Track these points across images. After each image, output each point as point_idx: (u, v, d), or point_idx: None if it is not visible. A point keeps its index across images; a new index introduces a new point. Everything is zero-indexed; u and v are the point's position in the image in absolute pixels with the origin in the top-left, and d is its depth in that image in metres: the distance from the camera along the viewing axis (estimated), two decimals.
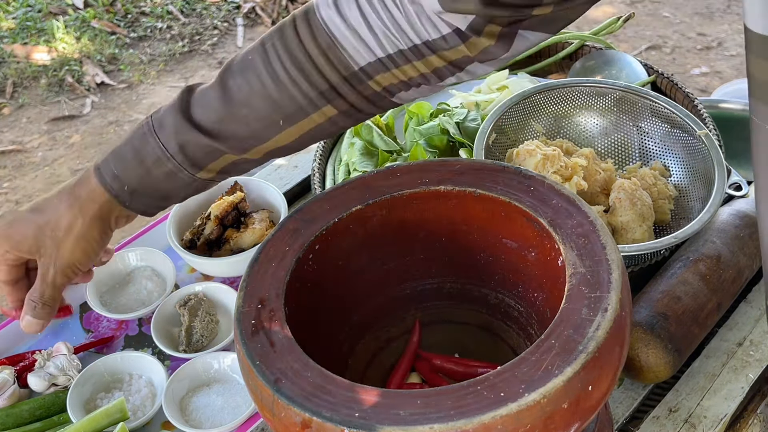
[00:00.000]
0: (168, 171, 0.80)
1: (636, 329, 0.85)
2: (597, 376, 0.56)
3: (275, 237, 0.71)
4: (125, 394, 0.93)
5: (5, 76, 3.23)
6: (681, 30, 3.20)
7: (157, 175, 0.81)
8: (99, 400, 0.93)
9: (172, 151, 0.79)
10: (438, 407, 0.54)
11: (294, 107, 0.76)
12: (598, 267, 0.62)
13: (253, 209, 1.12)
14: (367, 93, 0.76)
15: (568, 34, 1.35)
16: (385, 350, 0.82)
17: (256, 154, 0.80)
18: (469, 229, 0.75)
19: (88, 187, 0.84)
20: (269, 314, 0.64)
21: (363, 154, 1.10)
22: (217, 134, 0.78)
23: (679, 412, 0.86)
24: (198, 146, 0.79)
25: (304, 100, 0.75)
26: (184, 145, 0.78)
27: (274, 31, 0.77)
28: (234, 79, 0.77)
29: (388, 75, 0.74)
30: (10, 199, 2.67)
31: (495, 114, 1.03)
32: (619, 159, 1.08)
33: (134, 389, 0.94)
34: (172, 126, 0.78)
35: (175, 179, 0.81)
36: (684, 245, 0.95)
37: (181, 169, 0.80)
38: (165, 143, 0.79)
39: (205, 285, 1.04)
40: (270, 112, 0.77)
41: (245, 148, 0.79)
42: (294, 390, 0.57)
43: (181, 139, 0.78)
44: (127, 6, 3.65)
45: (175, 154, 0.79)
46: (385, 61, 0.73)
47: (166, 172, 0.80)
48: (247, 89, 0.76)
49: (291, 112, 0.76)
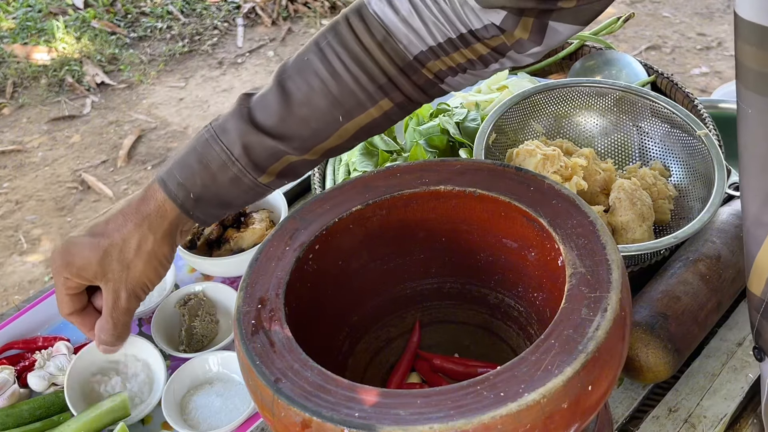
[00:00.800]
0: (232, 176, 0.80)
1: (636, 329, 0.85)
2: (597, 376, 0.56)
3: (275, 237, 0.71)
4: (122, 377, 0.93)
5: (5, 76, 3.24)
6: (681, 30, 3.20)
7: (222, 180, 0.80)
8: (96, 383, 0.93)
9: (237, 155, 0.79)
10: (438, 407, 0.54)
11: (353, 102, 0.78)
12: (598, 267, 0.62)
13: (253, 209, 1.12)
14: (421, 82, 0.79)
15: None
16: (385, 350, 0.82)
17: (315, 154, 0.81)
18: (469, 229, 0.75)
19: (155, 202, 0.81)
20: (269, 314, 0.64)
21: (363, 154, 1.10)
22: (280, 135, 0.79)
23: (678, 412, 0.86)
24: (261, 148, 0.79)
25: (363, 94, 0.78)
26: (248, 148, 0.79)
27: (326, 31, 0.79)
28: (292, 81, 0.78)
29: (438, 62, 0.78)
30: (10, 199, 2.67)
31: (495, 114, 1.03)
32: (619, 159, 1.08)
33: (131, 372, 0.94)
34: (236, 130, 0.79)
35: (238, 184, 0.81)
36: (684, 245, 0.95)
37: (245, 173, 0.80)
38: (230, 147, 0.79)
39: (205, 285, 1.04)
40: (330, 110, 0.78)
41: (306, 148, 0.80)
42: (294, 390, 0.57)
43: (245, 142, 0.78)
44: (127, 6, 3.66)
45: (239, 157, 0.79)
46: (435, 50, 0.77)
47: (231, 178, 0.80)
48: (306, 89, 0.78)
49: (350, 107, 0.78)
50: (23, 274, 2.38)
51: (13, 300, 2.29)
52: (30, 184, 2.72)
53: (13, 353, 1.00)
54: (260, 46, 3.43)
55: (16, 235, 2.52)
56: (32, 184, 2.72)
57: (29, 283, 2.34)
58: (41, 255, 2.44)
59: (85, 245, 0.81)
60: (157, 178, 0.82)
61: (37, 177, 2.75)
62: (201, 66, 3.30)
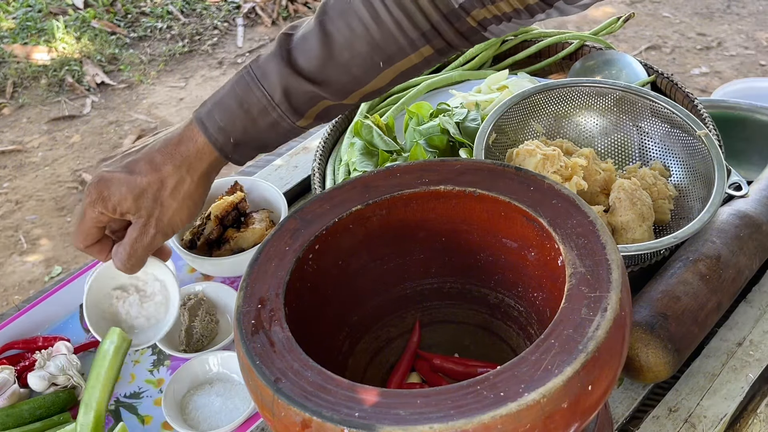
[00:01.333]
0: (272, 121, 0.80)
1: (636, 329, 0.85)
2: (597, 375, 0.56)
3: (275, 237, 0.71)
4: (141, 296, 0.93)
5: (5, 76, 3.23)
6: (681, 30, 3.20)
7: (262, 125, 0.81)
8: (115, 299, 0.93)
9: (278, 101, 0.79)
10: (438, 407, 0.54)
11: (395, 48, 0.78)
12: (597, 267, 0.62)
13: (253, 209, 1.12)
14: (464, 29, 0.78)
15: (568, 34, 1.35)
16: (385, 350, 0.82)
17: (352, 99, 0.82)
18: (469, 229, 0.75)
19: (195, 145, 0.82)
20: (269, 314, 0.64)
21: (363, 154, 1.10)
22: (320, 80, 0.79)
23: (679, 412, 0.86)
24: (302, 93, 0.79)
25: (405, 40, 0.77)
26: (288, 93, 0.79)
27: None
28: (333, 24, 0.78)
29: (483, 11, 0.77)
30: (10, 198, 2.67)
31: (495, 114, 1.03)
32: (619, 159, 1.08)
33: (150, 292, 0.94)
34: (277, 74, 0.78)
35: (277, 128, 0.81)
36: (684, 245, 0.95)
37: (284, 118, 0.80)
38: (270, 93, 0.79)
39: (205, 285, 1.04)
40: (371, 55, 0.78)
41: (345, 93, 0.80)
42: (294, 390, 0.57)
43: (286, 87, 0.78)
44: (127, 6, 3.65)
45: (280, 103, 0.79)
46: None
47: (271, 122, 0.80)
48: (348, 33, 0.77)
49: (391, 53, 0.78)
50: (23, 274, 2.38)
51: (13, 300, 2.29)
52: (30, 184, 2.72)
53: (13, 353, 1.00)
54: (260, 46, 3.42)
55: (16, 235, 2.52)
56: (32, 184, 2.72)
57: (29, 283, 2.34)
58: (41, 255, 2.44)
59: (123, 182, 0.81)
60: (195, 120, 0.82)
61: (37, 177, 2.75)
62: (201, 66, 3.30)
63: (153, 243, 0.84)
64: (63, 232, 2.51)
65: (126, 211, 0.82)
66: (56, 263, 2.40)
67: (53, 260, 2.41)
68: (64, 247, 2.45)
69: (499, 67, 1.34)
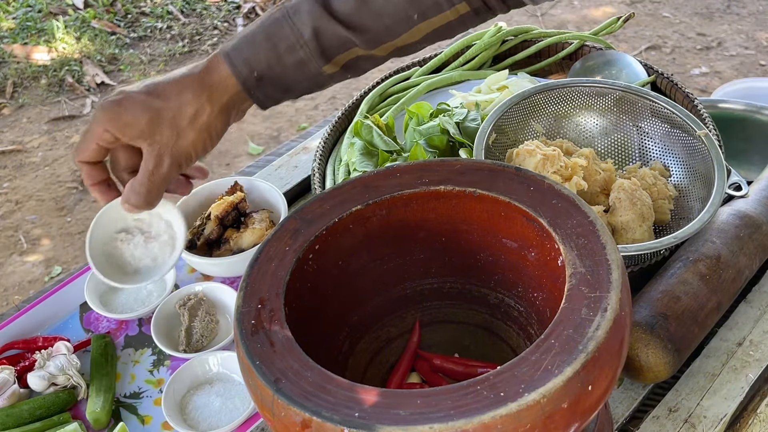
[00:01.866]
0: (299, 59, 0.79)
1: (636, 329, 0.85)
2: (597, 375, 0.56)
3: (275, 237, 0.71)
4: (145, 236, 0.90)
5: (5, 76, 3.24)
6: (681, 30, 3.20)
7: (288, 62, 0.79)
8: (120, 241, 0.90)
9: (307, 38, 0.78)
10: (438, 407, 0.54)
11: (430, 2, 0.76)
12: (597, 267, 0.62)
13: (253, 209, 1.12)
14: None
15: (568, 34, 1.35)
16: (385, 350, 0.82)
17: (383, 51, 0.80)
18: (469, 229, 0.75)
19: (219, 75, 0.79)
20: (269, 314, 0.64)
21: (363, 154, 1.10)
22: (353, 25, 0.77)
23: (679, 412, 0.86)
24: (332, 35, 0.78)
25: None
26: (318, 32, 0.77)
27: None
28: None
29: None
30: (10, 199, 2.67)
31: (495, 114, 1.03)
32: (619, 159, 1.08)
33: (154, 232, 0.91)
34: (309, 12, 0.77)
35: (303, 69, 0.79)
36: (684, 245, 0.95)
37: (311, 58, 0.79)
38: (300, 29, 0.77)
39: (205, 285, 1.04)
40: (406, 7, 0.77)
41: (377, 42, 0.79)
42: (294, 390, 0.57)
43: (317, 26, 0.77)
44: (127, 6, 3.66)
45: (308, 41, 0.78)
46: None
47: (297, 61, 0.79)
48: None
49: (426, 7, 0.77)
50: (23, 274, 2.38)
51: (13, 300, 2.29)
52: (30, 184, 2.72)
53: (13, 353, 1.00)
54: None
55: (16, 235, 2.52)
56: (32, 184, 2.72)
57: (29, 283, 2.34)
58: (41, 255, 2.44)
59: (137, 102, 0.77)
60: (221, 52, 0.80)
61: (37, 177, 2.75)
62: None
63: (169, 173, 0.80)
64: (63, 232, 2.51)
65: (138, 134, 0.77)
66: (56, 263, 2.40)
67: (53, 260, 2.41)
68: (64, 247, 2.45)
69: (499, 67, 1.34)
